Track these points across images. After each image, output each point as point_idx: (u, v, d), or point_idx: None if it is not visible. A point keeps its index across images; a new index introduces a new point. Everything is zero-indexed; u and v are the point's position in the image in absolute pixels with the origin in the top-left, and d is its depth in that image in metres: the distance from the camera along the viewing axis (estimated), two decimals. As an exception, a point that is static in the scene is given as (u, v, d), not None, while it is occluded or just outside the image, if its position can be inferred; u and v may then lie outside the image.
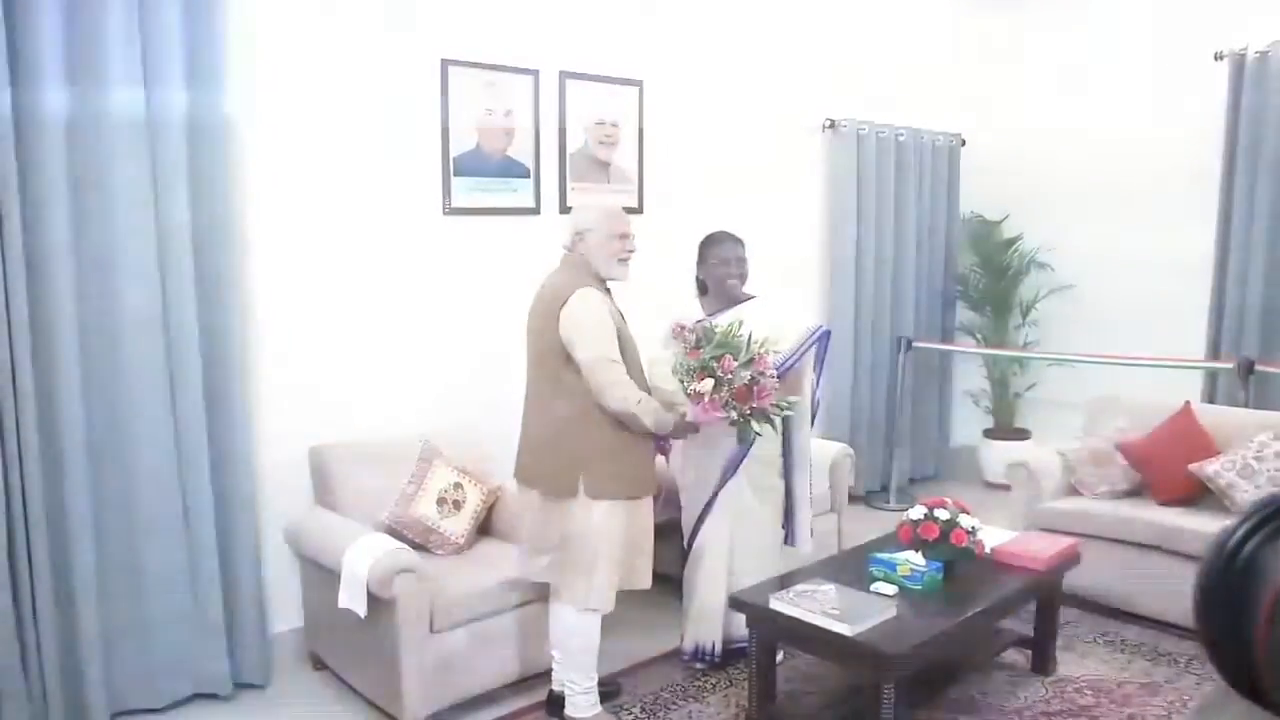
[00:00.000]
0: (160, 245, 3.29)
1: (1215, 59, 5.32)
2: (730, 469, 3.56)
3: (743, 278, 3.66)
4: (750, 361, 3.10)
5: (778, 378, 3.21)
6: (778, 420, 3.27)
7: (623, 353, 3.02)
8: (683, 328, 3.20)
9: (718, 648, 3.69)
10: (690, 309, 3.64)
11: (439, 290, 4.11)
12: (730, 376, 3.04)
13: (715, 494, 3.59)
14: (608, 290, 3.16)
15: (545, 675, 3.43)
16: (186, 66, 3.28)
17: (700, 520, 3.63)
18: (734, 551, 3.62)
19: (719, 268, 3.64)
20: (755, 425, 3.15)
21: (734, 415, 3.08)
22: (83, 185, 3.15)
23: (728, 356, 3.06)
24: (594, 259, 3.12)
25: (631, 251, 3.19)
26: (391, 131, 3.92)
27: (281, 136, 3.65)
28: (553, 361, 3.04)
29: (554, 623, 3.27)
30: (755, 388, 3.08)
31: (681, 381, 3.11)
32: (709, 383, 3.02)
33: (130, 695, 3.37)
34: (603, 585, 3.06)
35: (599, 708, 3.24)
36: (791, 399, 3.28)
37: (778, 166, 5.48)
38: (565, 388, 3.03)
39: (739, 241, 3.68)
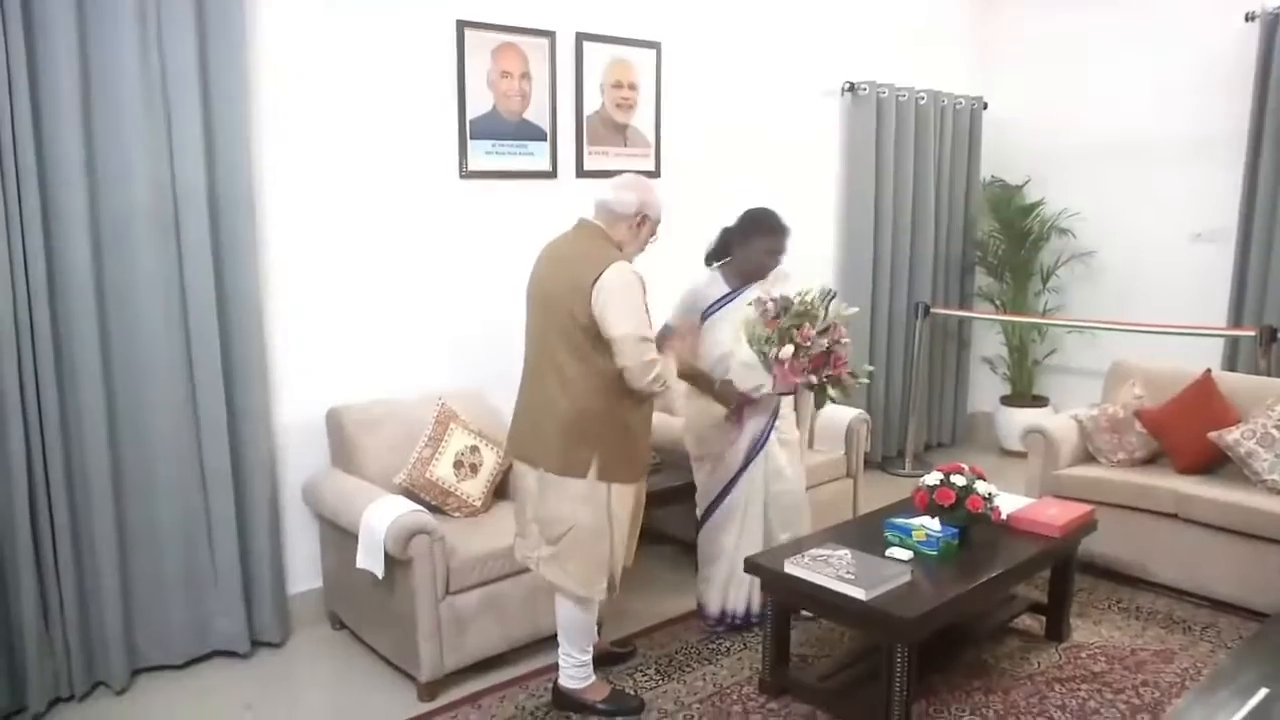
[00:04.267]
0: (178, 207, 3.29)
1: (1246, 20, 5.21)
2: (764, 435, 3.60)
3: (761, 269, 3.60)
4: (826, 330, 3.28)
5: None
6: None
7: None
8: (763, 299, 3.36)
9: (754, 608, 3.69)
10: (699, 276, 3.67)
11: (455, 253, 4.10)
12: (809, 344, 3.24)
13: (747, 462, 3.60)
14: None
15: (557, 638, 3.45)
16: (200, 27, 3.26)
17: (730, 485, 3.63)
18: (769, 512, 3.66)
19: (756, 256, 3.58)
20: (832, 392, 3.35)
21: (814, 380, 3.29)
22: (98, 148, 3.15)
23: (806, 325, 3.26)
24: (633, 241, 3.02)
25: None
26: (407, 94, 3.89)
27: (297, 97, 3.62)
28: (577, 334, 2.86)
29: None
30: (831, 355, 3.29)
31: (761, 351, 3.29)
32: (790, 349, 3.23)
33: (150, 652, 3.42)
34: (603, 571, 3.00)
35: (592, 679, 3.21)
36: (868, 367, 3.56)
37: (796, 130, 5.42)
38: (588, 363, 2.87)
39: (774, 234, 3.57)
